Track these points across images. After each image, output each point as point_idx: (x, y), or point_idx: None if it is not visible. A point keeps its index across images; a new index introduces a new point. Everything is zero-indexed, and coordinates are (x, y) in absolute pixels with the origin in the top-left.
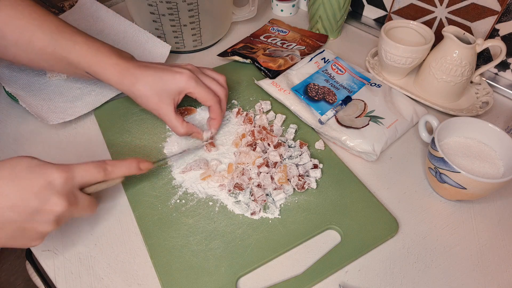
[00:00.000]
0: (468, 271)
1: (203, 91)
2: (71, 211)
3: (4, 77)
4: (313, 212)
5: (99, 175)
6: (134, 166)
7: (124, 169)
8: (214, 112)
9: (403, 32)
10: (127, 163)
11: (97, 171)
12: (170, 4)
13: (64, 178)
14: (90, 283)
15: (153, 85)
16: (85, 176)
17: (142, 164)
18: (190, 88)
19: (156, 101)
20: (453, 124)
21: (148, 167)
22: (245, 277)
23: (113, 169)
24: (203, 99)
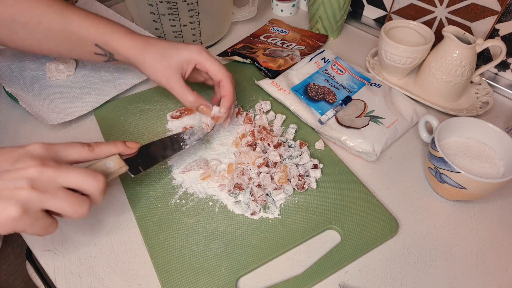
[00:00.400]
0: (468, 271)
1: (215, 62)
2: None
3: (4, 77)
4: (313, 212)
5: (84, 151)
6: (120, 143)
7: (109, 146)
8: (225, 88)
9: (403, 32)
10: (113, 142)
11: (80, 146)
12: (170, 4)
13: (44, 147)
14: (90, 283)
15: (164, 50)
16: (68, 150)
17: (129, 143)
18: (202, 58)
19: (164, 67)
20: (453, 124)
21: (136, 146)
22: (245, 277)
23: (97, 145)
24: (215, 70)
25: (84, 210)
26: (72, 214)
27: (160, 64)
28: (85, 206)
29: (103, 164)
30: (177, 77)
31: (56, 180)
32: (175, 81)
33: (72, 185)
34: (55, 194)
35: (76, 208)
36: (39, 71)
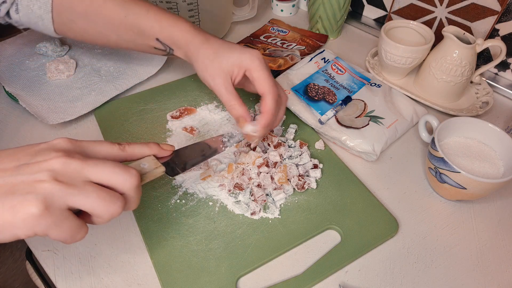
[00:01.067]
0: (468, 271)
1: (264, 74)
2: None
3: (4, 77)
4: (313, 212)
5: (114, 149)
6: (153, 144)
7: (143, 146)
8: (265, 104)
9: (403, 32)
10: (146, 143)
11: (110, 144)
12: (170, 4)
13: (70, 142)
14: (90, 283)
15: (220, 49)
16: (97, 147)
17: (163, 144)
18: (252, 65)
19: (214, 69)
20: (453, 124)
21: (171, 148)
22: (245, 277)
23: (130, 146)
24: (260, 82)
25: (117, 208)
26: (103, 212)
27: (211, 63)
28: (118, 202)
29: (137, 165)
30: (224, 79)
31: (82, 173)
32: (221, 82)
33: (101, 179)
34: (82, 188)
35: (108, 205)
36: (39, 71)
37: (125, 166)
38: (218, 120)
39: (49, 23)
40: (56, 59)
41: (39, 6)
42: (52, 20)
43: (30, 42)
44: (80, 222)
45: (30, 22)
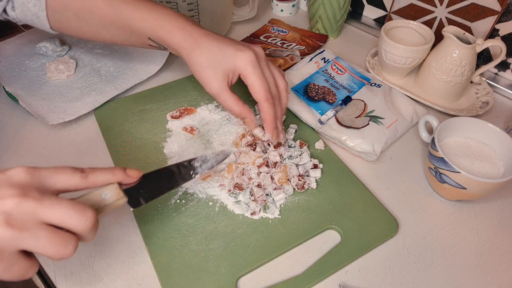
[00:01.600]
0: (468, 271)
1: (258, 80)
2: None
3: (4, 77)
4: (313, 212)
5: (75, 176)
6: (119, 170)
7: (107, 173)
8: (263, 112)
9: (403, 32)
10: (111, 168)
11: (71, 171)
12: (170, 4)
13: (28, 173)
14: (90, 283)
15: (211, 55)
16: (57, 176)
17: (130, 170)
18: (247, 70)
19: (209, 73)
20: (453, 124)
21: (138, 174)
22: (245, 277)
23: (92, 171)
24: (254, 89)
25: (69, 251)
26: (54, 255)
27: (204, 70)
28: (70, 246)
29: (99, 194)
30: (220, 84)
31: (36, 215)
32: (217, 87)
33: (56, 221)
34: (35, 233)
35: (59, 249)
36: (39, 71)
37: (81, 206)
38: (218, 120)
39: (44, 20)
40: (56, 59)
41: (34, 4)
42: (47, 17)
43: (30, 42)
44: (30, 262)
45: (27, 19)
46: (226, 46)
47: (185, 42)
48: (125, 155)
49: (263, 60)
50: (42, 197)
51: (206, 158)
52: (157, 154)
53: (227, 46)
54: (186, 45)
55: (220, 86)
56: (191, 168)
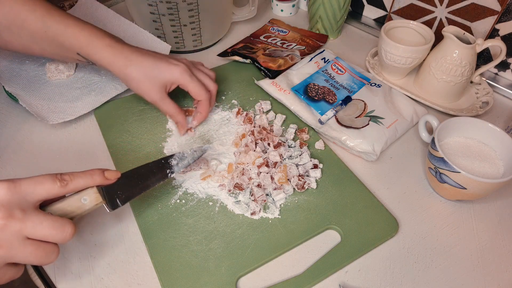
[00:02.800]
0: (468, 271)
1: (197, 86)
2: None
3: (4, 77)
4: (313, 212)
5: (55, 186)
6: (98, 174)
7: (86, 178)
8: (203, 107)
9: (403, 32)
10: (90, 172)
11: (51, 181)
12: (170, 4)
13: (8, 190)
14: (90, 283)
15: (147, 70)
16: (37, 188)
17: (108, 173)
18: (184, 81)
19: (148, 86)
20: (453, 124)
21: (116, 176)
22: (245, 277)
23: (71, 178)
24: (196, 93)
25: (52, 259)
26: (39, 263)
27: (143, 83)
28: (53, 255)
29: (78, 200)
30: (161, 96)
31: (21, 234)
32: (157, 97)
33: (39, 238)
34: (21, 250)
35: (43, 260)
36: (39, 71)
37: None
38: (218, 120)
39: None
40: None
41: None
42: None
43: None
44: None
45: None
46: (159, 62)
47: (116, 59)
48: (125, 155)
49: (192, 67)
50: (25, 217)
51: (184, 156)
52: (157, 154)
53: (160, 61)
54: (118, 62)
55: (160, 96)
56: (168, 167)
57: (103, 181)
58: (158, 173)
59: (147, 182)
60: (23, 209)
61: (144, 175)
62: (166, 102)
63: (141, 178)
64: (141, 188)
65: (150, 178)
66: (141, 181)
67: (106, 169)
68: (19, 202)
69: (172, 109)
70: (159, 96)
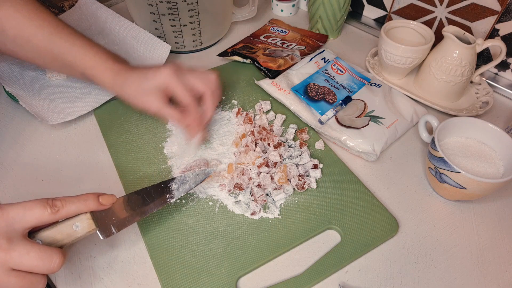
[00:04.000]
0: (468, 271)
1: (181, 88)
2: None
3: (4, 77)
4: (313, 212)
5: (45, 212)
6: (92, 199)
7: (79, 204)
8: (188, 115)
9: (403, 32)
10: (84, 196)
11: (41, 206)
12: (170, 4)
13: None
14: (90, 283)
15: (138, 83)
16: (26, 215)
17: (103, 198)
18: (170, 83)
19: (144, 99)
20: (453, 124)
21: (111, 201)
22: (245, 277)
23: (63, 204)
24: (180, 97)
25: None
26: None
27: (139, 97)
28: (39, 286)
29: (70, 226)
30: (160, 105)
31: (6, 265)
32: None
33: (25, 269)
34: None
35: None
36: (39, 71)
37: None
38: (218, 120)
39: None
40: None
41: None
42: None
43: None
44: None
45: None
46: (147, 71)
47: (114, 81)
48: (125, 155)
49: (182, 69)
50: (11, 247)
51: (185, 179)
52: (157, 154)
53: (148, 71)
54: (116, 83)
55: (159, 105)
56: (167, 191)
57: (97, 206)
58: (156, 199)
59: (144, 208)
60: (9, 238)
61: (142, 200)
62: (166, 110)
63: (138, 203)
64: (138, 214)
65: (148, 204)
66: (138, 207)
67: (101, 194)
68: (6, 231)
69: (174, 115)
70: (157, 106)
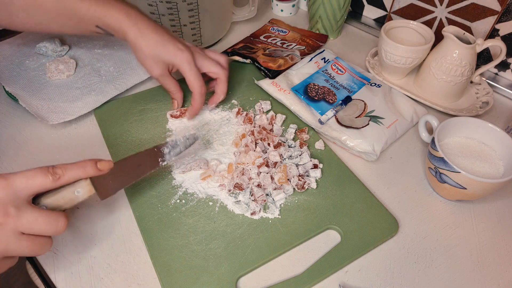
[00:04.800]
0: (468, 271)
1: (193, 77)
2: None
3: (4, 77)
4: (313, 212)
5: (47, 180)
6: (90, 165)
7: (78, 170)
8: (195, 100)
9: (403, 32)
10: (82, 163)
11: (43, 174)
12: (170, 4)
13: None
14: (90, 283)
15: (154, 47)
16: (29, 183)
17: (100, 163)
18: (184, 68)
19: (151, 61)
20: (453, 124)
21: (109, 166)
22: (245, 277)
23: (64, 172)
24: (190, 83)
25: (46, 250)
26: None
27: (148, 59)
28: (47, 246)
29: (72, 192)
30: (162, 70)
31: (16, 230)
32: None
33: (34, 233)
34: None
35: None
36: (39, 71)
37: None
38: (218, 120)
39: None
40: (56, 59)
41: None
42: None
43: (30, 42)
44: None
45: None
46: (168, 43)
47: (130, 29)
48: (125, 155)
49: (199, 55)
50: (19, 214)
51: (176, 143)
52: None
53: (168, 42)
54: (131, 32)
55: (161, 72)
56: (160, 155)
57: (95, 172)
58: (149, 162)
59: (138, 171)
60: (17, 206)
61: (136, 163)
62: (166, 79)
63: (133, 166)
64: (132, 177)
65: (141, 167)
66: (132, 170)
67: (98, 160)
68: (13, 199)
69: (172, 86)
70: (160, 73)
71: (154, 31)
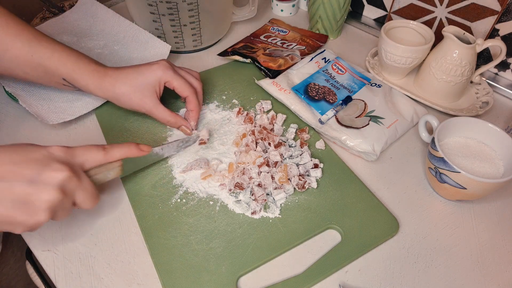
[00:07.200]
0: (468, 271)
1: (181, 81)
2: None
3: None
4: (314, 211)
5: (99, 155)
6: (134, 147)
7: (124, 150)
8: (191, 103)
9: (403, 32)
10: (126, 144)
11: (97, 150)
12: (170, 4)
13: (65, 151)
14: (90, 283)
15: (132, 80)
16: (85, 154)
17: (142, 146)
18: (168, 77)
19: (139, 96)
20: (453, 124)
21: (148, 149)
22: (246, 276)
23: (112, 150)
24: (181, 88)
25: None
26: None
27: (134, 95)
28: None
29: (105, 175)
30: (153, 102)
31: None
32: (151, 106)
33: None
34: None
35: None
36: None
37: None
38: (218, 119)
39: None
40: None
41: None
42: None
43: None
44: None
45: None
46: (140, 68)
47: (102, 82)
48: None
49: (175, 67)
50: (81, 179)
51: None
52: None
53: (140, 67)
54: (105, 84)
55: (153, 103)
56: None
57: (138, 153)
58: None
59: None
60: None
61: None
62: (160, 109)
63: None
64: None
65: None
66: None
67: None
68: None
69: (167, 115)
70: (152, 104)
71: (124, 70)
